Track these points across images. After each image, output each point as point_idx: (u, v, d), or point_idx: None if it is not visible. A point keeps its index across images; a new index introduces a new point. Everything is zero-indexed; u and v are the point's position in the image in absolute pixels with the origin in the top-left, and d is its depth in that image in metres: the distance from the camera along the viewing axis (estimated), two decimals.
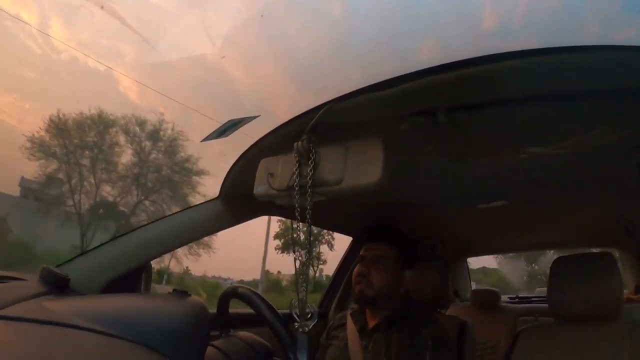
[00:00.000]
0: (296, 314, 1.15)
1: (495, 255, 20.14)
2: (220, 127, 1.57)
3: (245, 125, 1.52)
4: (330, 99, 1.20)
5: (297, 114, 1.29)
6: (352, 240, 2.90)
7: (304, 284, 1.14)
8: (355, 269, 1.89)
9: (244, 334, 1.52)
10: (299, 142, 1.14)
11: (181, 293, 1.23)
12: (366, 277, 1.82)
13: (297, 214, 1.12)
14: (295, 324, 1.14)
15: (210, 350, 1.32)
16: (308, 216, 1.11)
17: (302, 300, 1.15)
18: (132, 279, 1.53)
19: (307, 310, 1.15)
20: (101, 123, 19.69)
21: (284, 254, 25.58)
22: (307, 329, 1.14)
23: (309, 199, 1.10)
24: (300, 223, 1.15)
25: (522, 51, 1.00)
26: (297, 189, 1.13)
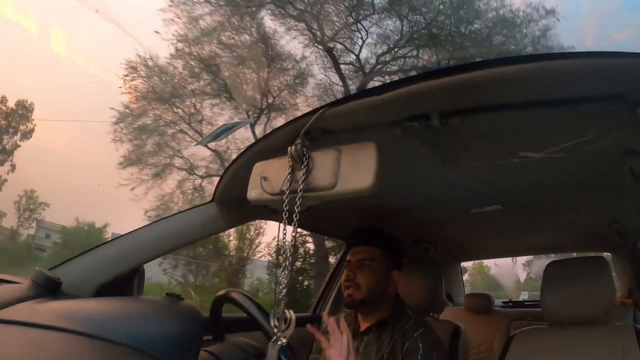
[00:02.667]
0: (275, 325, 1.11)
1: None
2: (214, 130, 1.57)
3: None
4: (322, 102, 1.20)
5: (291, 119, 1.29)
6: (345, 245, 2.91)
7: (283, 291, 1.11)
8: (343, 274, 1.92)
9: (237, 338, 1.52)
10: (293, 147, 1.13)
11: (174, 297, 1.22)
12: (353, 281, 1.84)
13: (292, 218, 1.12)
14: (274, 336, 1.09)
15: (203, 354, 1.32)
16: (295, 219, 1.10)
17: (276, 310, 1.10)
18: (124, 282, 1.53)
19: (286, 316, 1.11)
20: None
21: None
22: (284, 340, 1.10)
23: (298, 202, 1.10)
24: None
25: (515, 57, 1.01)
26: (289, 193, 1.13)
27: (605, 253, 3.39)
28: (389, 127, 1.25)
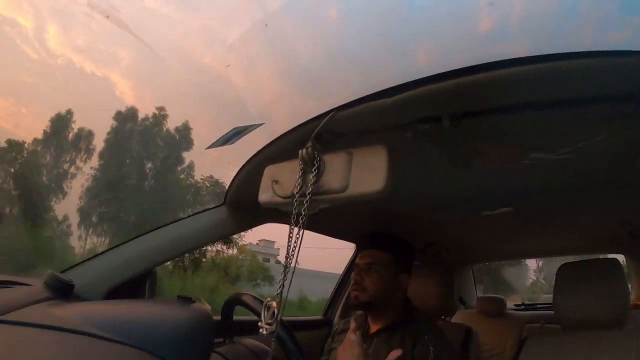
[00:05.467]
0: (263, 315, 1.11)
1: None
2: (225, 134, 1.57)
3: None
4: (333, 105, 1.20)
5: (301, 122, 1.29)
6: (355, 248, 2.90)
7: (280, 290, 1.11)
8: (351, 277, 1.92)
9: (247, 340, 1.52)
10: (304, 150, 1.14)
11: (185, 299, 1.23)
12: (360, 285, 1.85)
13: (300, 222, 1.12)
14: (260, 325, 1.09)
15: (214, 357, 1.32)
16: (302, 221, 1.10)
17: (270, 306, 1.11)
18: (136, 285, 1.53)
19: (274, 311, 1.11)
20: None
21: None
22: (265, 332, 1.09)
23: (306, 204, 1.10)
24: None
25: (525, 58, 1.00)
26: (299, 196, 1.13)
27: (618, 255, 3.36)
28: (400, 130, 1.25)
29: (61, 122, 22.94)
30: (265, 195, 1.24)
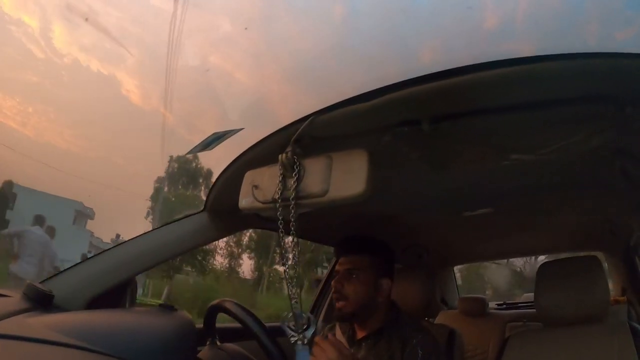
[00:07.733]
0: (290, 327, 1.12)
1: None
2: (205, 139, 1.56)
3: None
4: (312, 109, 1.20)
5: (281, 126, 1.29)
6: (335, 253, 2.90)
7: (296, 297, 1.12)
8: (332, 285, 1.89)
9: (230, 347, 1.51)
10: (284, 154, 1.13)
11: (168, 308, 1.22)
12: (341, 293, 1.82)
13: (287, 227, 1.12)
14: (292, 337, 1.12)
15: None
16: (293, 229, 1.10)
17: (297, 313, 1.12)
18: (117, 294, 1.52)
19: (304, 319, 1.13)
20: None
21: None
22: (305, 340, 1.12)
23: (292, 210, 1.10)
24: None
25: (503, 60, 1.01)
26: (281, 201, 1.12)
27: (597, 252, 3.40)
28: (380, 133, 1.25)
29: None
30: (245, 200, 1.24)
